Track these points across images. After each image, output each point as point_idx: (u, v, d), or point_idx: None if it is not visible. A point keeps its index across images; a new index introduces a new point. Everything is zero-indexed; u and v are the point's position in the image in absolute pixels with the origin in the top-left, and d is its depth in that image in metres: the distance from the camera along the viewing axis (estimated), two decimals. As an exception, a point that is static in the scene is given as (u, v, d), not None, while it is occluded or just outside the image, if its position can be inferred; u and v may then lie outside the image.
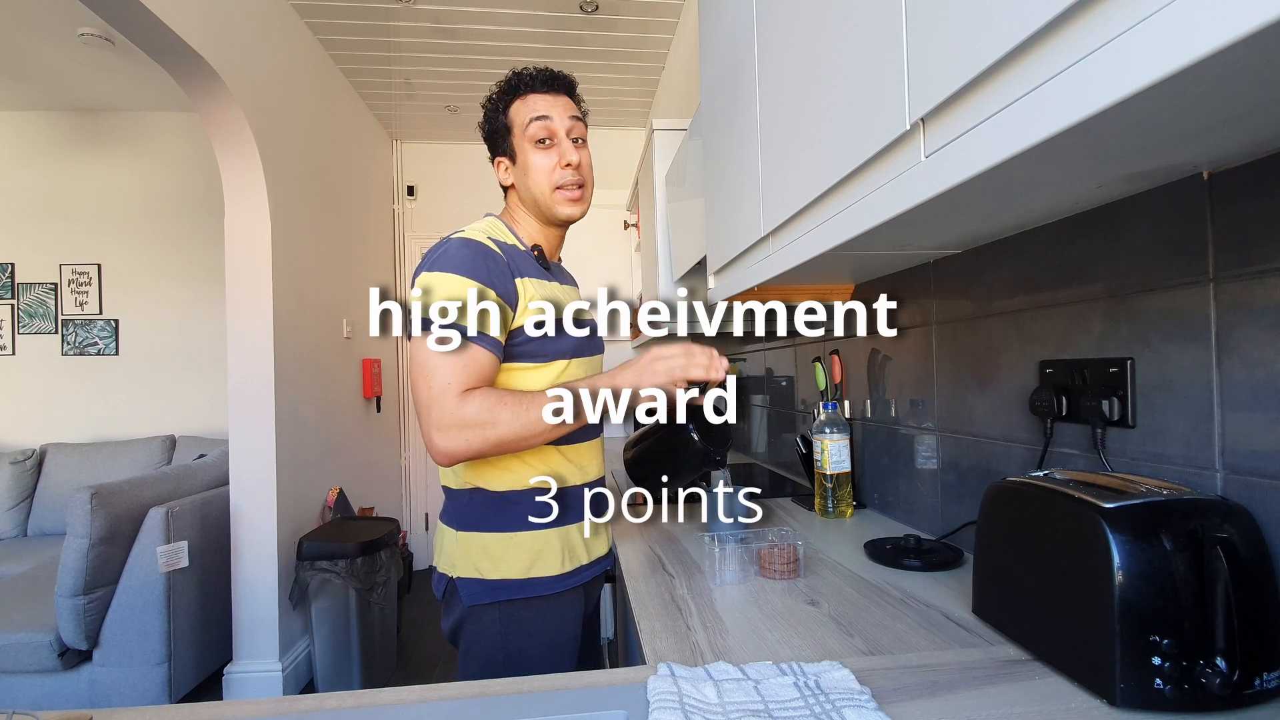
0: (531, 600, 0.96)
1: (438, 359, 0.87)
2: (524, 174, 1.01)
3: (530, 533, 0.97)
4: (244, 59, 2.13)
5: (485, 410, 0.86)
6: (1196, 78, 0.37)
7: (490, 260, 0.92)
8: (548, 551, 0.97)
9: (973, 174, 0.52)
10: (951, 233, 0.91)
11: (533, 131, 0.99)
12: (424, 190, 3.87)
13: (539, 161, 1.00)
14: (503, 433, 0.86)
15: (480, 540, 0.97)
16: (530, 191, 1.01)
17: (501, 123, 1.02)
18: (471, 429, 0.86)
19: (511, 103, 1.02)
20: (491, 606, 0.96)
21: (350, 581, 2.22)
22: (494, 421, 0.86)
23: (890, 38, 0.62)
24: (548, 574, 0.97)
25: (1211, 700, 0.54)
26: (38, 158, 3.50)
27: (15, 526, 3.14)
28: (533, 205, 1.03)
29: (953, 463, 1.11)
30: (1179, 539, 0.56)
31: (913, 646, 0.72)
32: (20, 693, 2.01)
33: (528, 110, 1.00)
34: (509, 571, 0.96)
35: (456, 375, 0.87)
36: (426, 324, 0.87)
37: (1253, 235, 0.61)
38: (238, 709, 0.63)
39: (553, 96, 1.02)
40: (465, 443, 0.86)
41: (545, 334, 0.96)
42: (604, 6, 2.54)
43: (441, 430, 0.86)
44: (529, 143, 1.00)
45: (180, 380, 3.55)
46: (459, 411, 0.86)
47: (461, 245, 0.92)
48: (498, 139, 1.04)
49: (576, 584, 1.00)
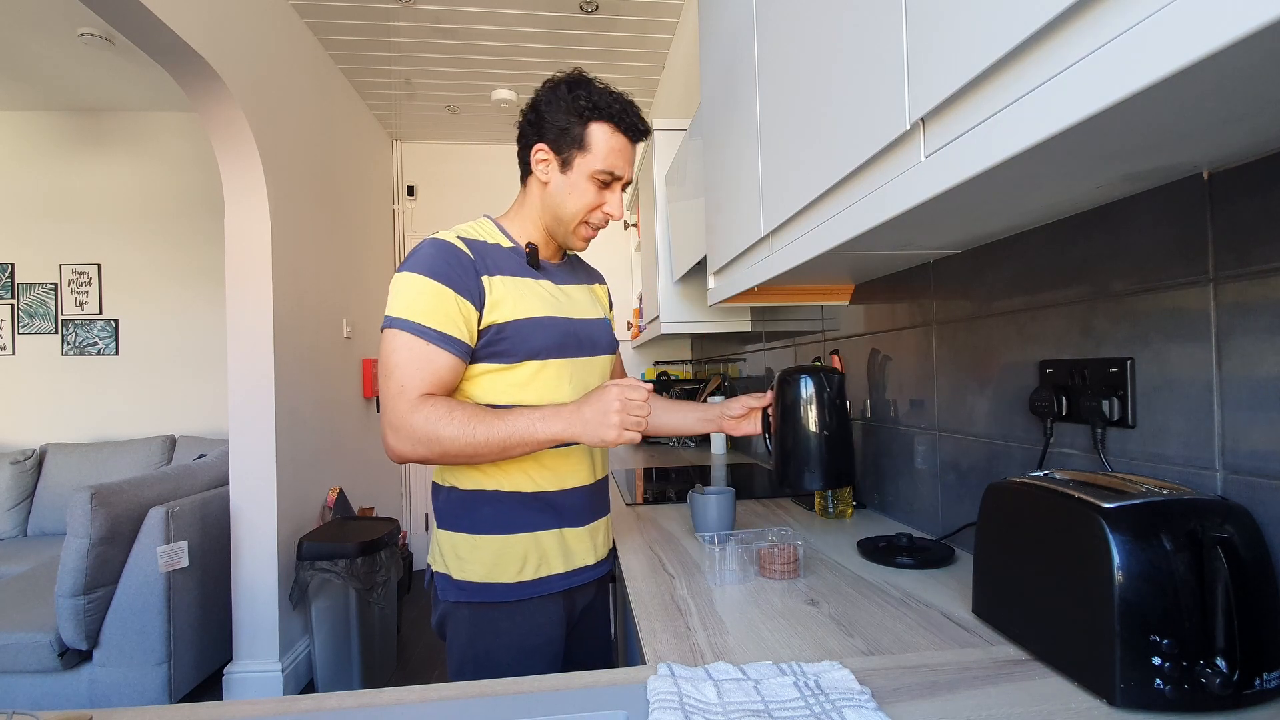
0: (499, 603, 0.96)
1: (397, 358, 0.89)
2: (566, 192, 0.98)
3: (494, 536, 0.96)
4: (244, 59, 2.13)
5: (431, 423, 0.86)
6: (1196, 78, 0.37)
7: (454, 259, 0.92)
8: (508, 557, 0.96)
9: (972, 174, 0.52)
10: (951, 233, 0.91)
11: (602, 171, 0.97)
12: (424, 190, 3.87)
13: (588, 195, 0.98)
14: (446, 448, 0.87)
15: (450, 538, 0.98)
16: (559, 209, 0.99)
17: (575, 132, 0.96)
18: (417, 441, 0.87)
19: (595, 121, 0.96)
20: (464, 605, 0.96)
21: (350, 581, 2.22)
22: (437, 437, 0.87)
23: (890, 38, 0.62)
24: (504, 580, 0.96)
25: (1211, 700, 0.54)
26: (38, 158, 3.50)
27: (15, 526, 3.14)
28: (552, 218, 1.01)
29: (953, 463, 1.11)
30: (1179, 539, 0.56)
31: (913, 646, 0.72)
32: (20, 693, 2.01)
33: (609, 150, 0.96)
34: (471, 574, 0.96)
35: (412, 377, 0.88)
36: (390, 322, 0.90)
37: (1253, 235, 0.61)
38: (238, 709, 0.63)
39: (632, 146, 1.00)
40: (412, 450, 0.88)
41: (512, 333, 0.94)
42: (604, 6, 2.54)
43: (394, 430, 0.88)
44: (591, 175, 0.97)
45: (180, 380, 3.55)
46: (409, 418, 0.87)
47: (429, 246, 0.94)
48: (560, 140, 0.97)
49: (545, 592, 0.98)
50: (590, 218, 1.00)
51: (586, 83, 0.97)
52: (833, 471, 1.11)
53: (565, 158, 0.97)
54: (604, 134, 0.96)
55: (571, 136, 0.96)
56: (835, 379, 1.13)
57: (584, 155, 0.96)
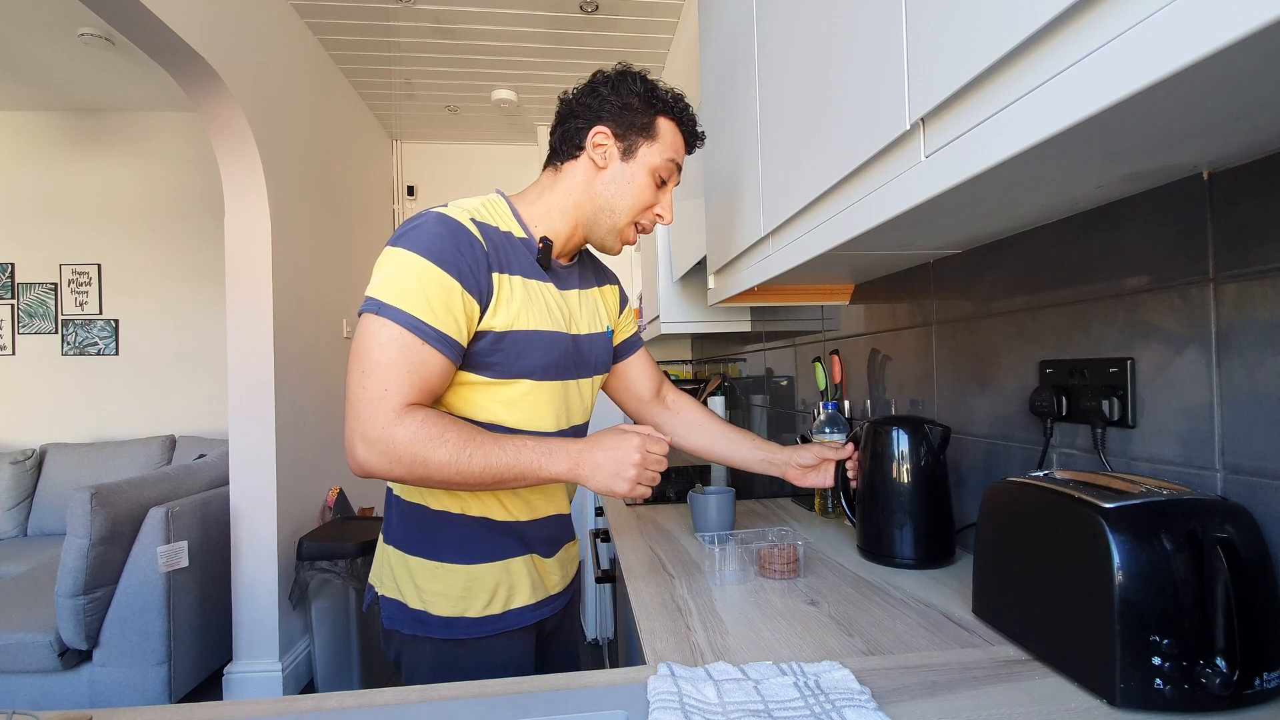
0: (465, 640, 0.85)
1: (382, 355, 0.74)
2: (626, 182, 0.89)
3: (460, 566, 0.86)
4: (244, 59, 2.13)
5: (419, 443, 0.73)
6: (1196, 78, 0.37)
7: (466, 245, 0.79)
8: (476, 588, 0.86)
9: (973, 174, 0.52)
10: (951, 233, 0.91)
11: (666, 168, 0.90)
12: (424, 190, 3.87)
13: (646, 190, 0.90)
14: (431, 473, 0.75)
15: (406, 562, 0.87)
16: (611, 199, 0.89)
17: (646, 121, 0.88)
18: (395, 460, 0.74)
19: (664, 116, 0.90)
20: (425, 641, 0.85)
21: (350, 581, 2.22)
22: (423, 460, 0.74)
23: (890, 38, 0.62)
24: (471, 614, 0.85)
25: (1211, 700, 0.54)
26: (38, 158, 3.50)
27: (15, 526, 3.14)
28: (595, 209, 0.90)
29: (952, 463, 1.11)
30: (1179, 539, 0.56)
31: (913, 646, 0.72)
32: (20, 693, 2.01)
33: (675, 147, 0.91)
34: (434, 606, 0.85)
35: (399, 381, 0.74)
36: (377, 307, 0.75)
37: (1253, 235, 0.61)
38: (238, 709, 0.63)
39: (687, 155, 0.95)
40: (387, 468, 0.74)
41: (509, 345, 0.83)
42: (604, 6, 2.54)
43: (366, 442, 0.74)
44: (654, 168, 0.89)
45: (180, 380, 3.55)
46: (390, 431, 0.73)
47: (437, 222, 0.79)
48: (630, 124, 0.88)
49: (515, 626, 0.88)
50: (642, 218, 0.92)
51: (656, 83, 0.91)
52: (932, 545, 0.98)
53: (629, 144, 0.88)
54: (672, 132, 0.90)
55: (642, 124, 0.88)
56: (937, 433, 0.99)
57: (650, 145, 0.88)
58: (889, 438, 1.00)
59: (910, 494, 0.98)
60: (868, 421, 1.08)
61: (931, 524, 0.98)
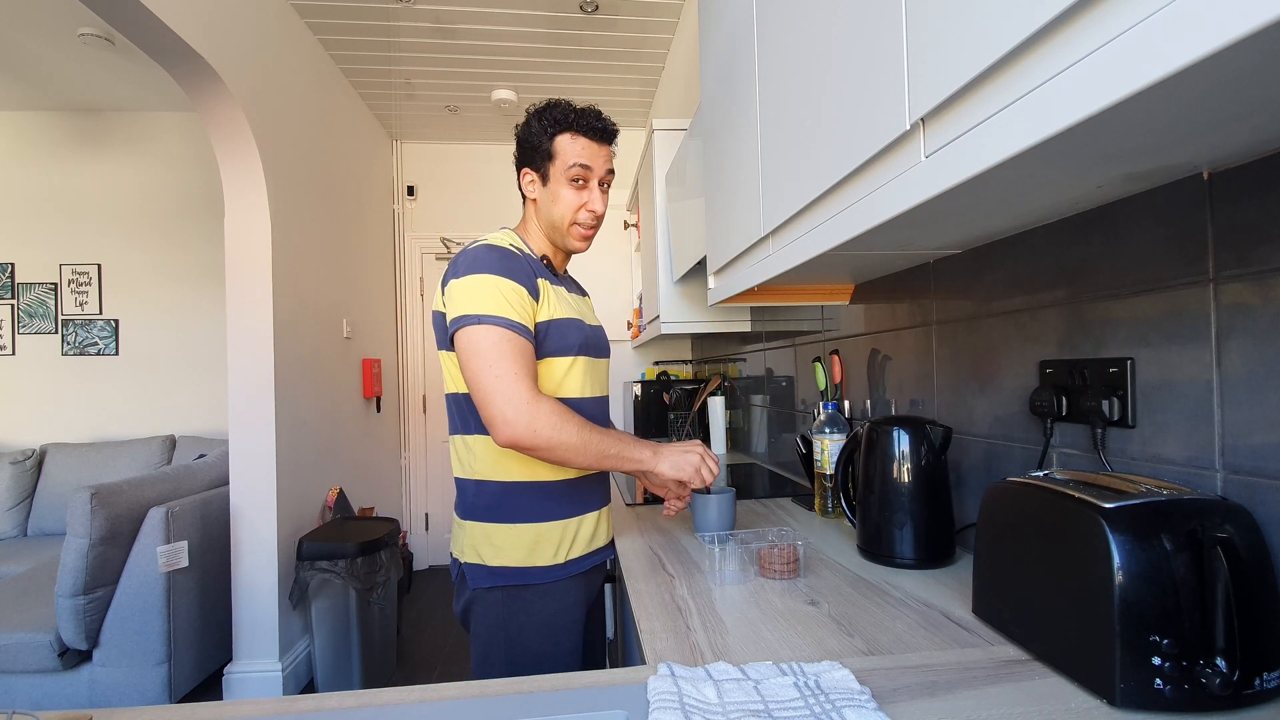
0: (533, 585, 1.04)
1: (497, 349, 0.95)
2: (551, 201, 1.09)
3: (529, 525, 1.04)
4: (244, 59, 2.13)
5: (554, 422, 0.94)
6: (1197, 77, 0.37)
7: (517, 261, 1.02)
8: (544, 543, 1.04)
9: (973, 174, 0.52)
10: (951, 233, 0.91)
11: (573, 173, 1.07)
12: (424, 190, 3.87)
13: (569, 197, 1.08)
14: (564, 449, 0.95)
15: (483, 529, 1.05)
16: (550, 216, 1.10)
17: (545, 148, 1.07)
18: (538, 433, 0.93)
19: (560, 134, 1.06)
20: (496, 589, 1.03)
21: (350, 581, 2.22)
22: (560, 440, 0.94)
23: (890, 38, 0.62)
24: (541, 564, 1.04)
25: (1211, 700, 0.54)
26: (38, 158, 3.50)
27: (15, 526, 3.13)
28: (548, 226, 1.11)
29: (952, 463, 1.10)
30: (1179, 539, 0.56)
31: (913, 646, 0.72)
32: (20, 693, 2.01)
33: (574, 152, 1.06)
34: (508, 559, 1.03)
35: (516, 364, 0.95)
36: (479, 320, 0.96)
37: (1253, 235, 0.61)
38: (238, 709, 0.63)
39: (598, 146, 1.08)
40: (531, 441, 0.94)
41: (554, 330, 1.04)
42: (604, 6, 2.54)
43: (511, 421, 0.93)
44: (565, 178, 1.07)
45: (180, 380, 3.55)
46: (533, 410, 0.93)
47: (489, 250, 1.01)
48: (536, 158, 1.09)
49: (573, 573, 1.07)
50: (578, 217, 1.09)
51: (553, 105, 1.08)
52: (932, 545, 0.98)
53: (543, 172, 1.09)
54: (567, 142, 1.07)
55: (543, 152, 1.07)
56: (938, 433, 1.00)
57: (554, 164, 1.07)
58: (890, 438, 1.01)
59: (910, 494, 0.98)
60: (869, 421, 1.08)
61: (932, 524, 0.98)
